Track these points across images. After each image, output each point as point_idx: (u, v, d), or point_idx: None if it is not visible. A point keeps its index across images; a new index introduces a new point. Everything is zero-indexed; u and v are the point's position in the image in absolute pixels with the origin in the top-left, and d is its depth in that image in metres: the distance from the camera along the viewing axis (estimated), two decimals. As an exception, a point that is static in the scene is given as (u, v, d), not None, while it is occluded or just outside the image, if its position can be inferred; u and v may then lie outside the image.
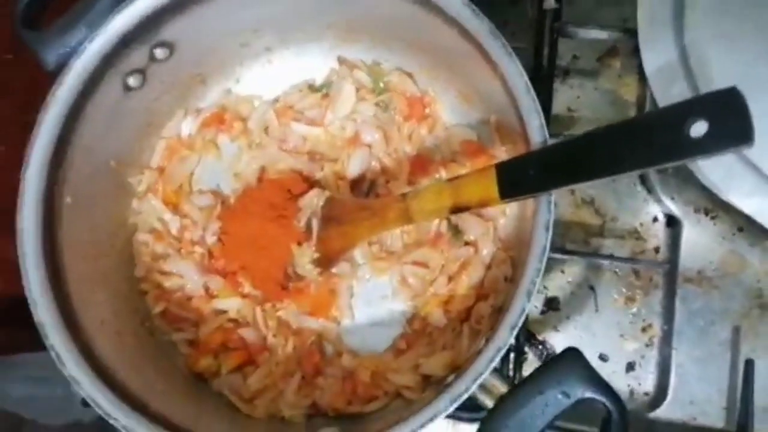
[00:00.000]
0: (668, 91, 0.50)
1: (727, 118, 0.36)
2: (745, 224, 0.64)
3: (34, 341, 0.49)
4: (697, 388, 0.63)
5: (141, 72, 0.59)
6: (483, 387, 0.46)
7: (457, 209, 0.49)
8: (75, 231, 0.56)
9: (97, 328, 0.54)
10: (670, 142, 0.38)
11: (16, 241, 0.51)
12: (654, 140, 0.38)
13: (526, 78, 0.46)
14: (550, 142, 0.46)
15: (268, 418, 0.59)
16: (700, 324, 0.63)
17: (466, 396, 0.44)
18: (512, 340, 0.44)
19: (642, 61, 0.53)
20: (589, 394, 0.44)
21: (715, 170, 0.53)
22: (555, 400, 0.44)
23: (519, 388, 0.45)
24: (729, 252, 0.64)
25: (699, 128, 0.36)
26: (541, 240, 0.45)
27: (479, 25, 0.48)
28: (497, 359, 0.44)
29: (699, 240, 0.64)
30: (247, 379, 0.60)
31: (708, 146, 0.36)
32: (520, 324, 0.44)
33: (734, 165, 0.53)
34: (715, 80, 0.50)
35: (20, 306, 0.50)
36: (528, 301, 0.44)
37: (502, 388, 0.46)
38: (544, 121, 0.46)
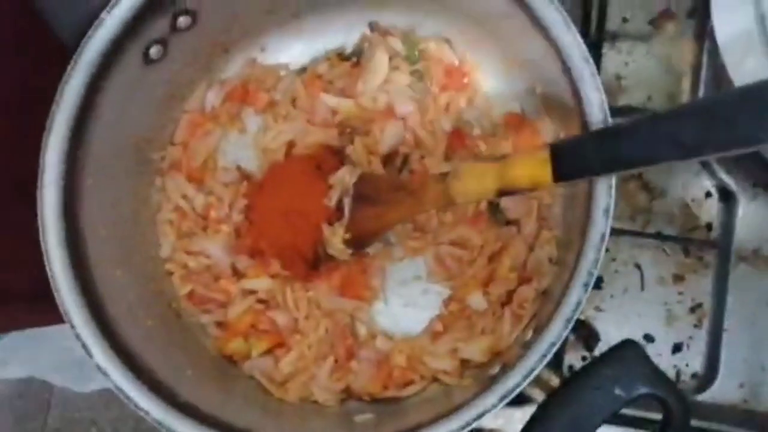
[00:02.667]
0: (742, 64, 0.46)
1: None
2: (806, 199, 0.60)
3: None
4: (748, 370, 0.60)
5: (162, 42, 0.55)
6: (532, 378, 0.43)
7: (503, 192, 0.46)
8: (97, 213, 0.53)
9: (124, 313, 0.52)
10: (754, 123, 0.34)
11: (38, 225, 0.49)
12: (733, 120, 0.35)
13: (584, 49, 0.42)
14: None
15: (301, 402, 0.58)
16: (753, 305, 0.60)
17: (516, 393, 0.42)
18: (567, 334, 0.41)
19: (714, 29, 0.48)
20: (649, 390, 0.41)
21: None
22: (611, 396, 0.41)
23: (572, 382, 0.42)
24: (788, 229, 0.60)
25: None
26: (600, 226, 0.41)
27: (533, -11, 0.43)
28: (551, 354, 0.41)
29: (756, 217, 0.60)
30: (279, 362, 0.58)
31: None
32: (575, 318, 0.41)
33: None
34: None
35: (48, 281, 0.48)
36: (585, 293, 0.41)
37: (553, 380, 0.43)
38: (605, 98, 0.42)
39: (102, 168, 0.54)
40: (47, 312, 0.50)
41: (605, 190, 0.42)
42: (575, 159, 0.41)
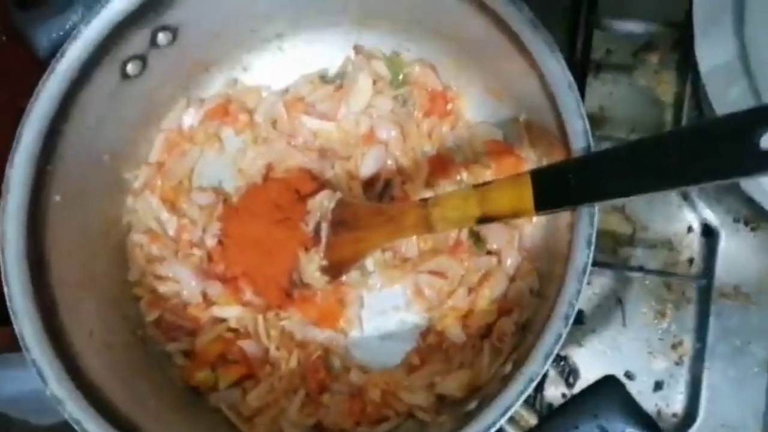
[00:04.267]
0: (725, 94, 0.46)
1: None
2: (788, 237, 0.59)
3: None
4: (731, 410, 0.58)
5: (141, 58, 0.54)
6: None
7: (484, 219, 0.45)
8: (63, 232, 0.51)
9: (86, 339, 0.50)
10: (738, 153, 0.33)
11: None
12: (718, 151, 0.34)
13: (569, 76, 0.42)
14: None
15: (269, 438, 0.55)
16: (736, 343, 0.59)
17: (493, 431, 0.40)
18: (546, 369, 0.40)
19: (697, 60, 0.47)
20: (630, 430, 0.40)
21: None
22: (592, 436, 0.39)
23: (551, 421, 0.41)
24: (769, 266, 0.60)
25: (773, 139, 0.32)
26: (582, 257, 0.40)
27: (518, 15, 0.43)
28: (529, 390, 0.39)
29: (737, 252, 0.60)
30: (247, 394, 0.56)
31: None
32: (555, 352, 0.39)
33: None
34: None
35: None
36: (566, 326, 0.39)
37: (530, 419, 0.42)
38: (588, 126, 0.41)
39: (71, 185, 0.52)
40: (4, 337, 0.47)
41: (587, 220, 0.41)
42: (556, 186, 0.40)
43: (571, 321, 0.40)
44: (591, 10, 0.60)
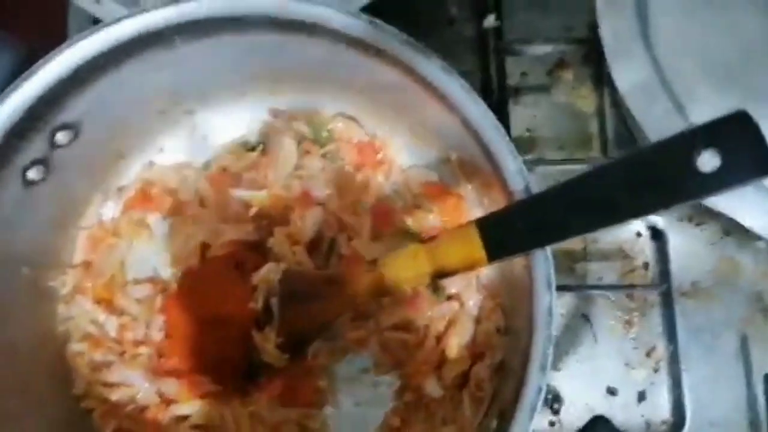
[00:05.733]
0: (650, 112, 0.45)
1: (739, 147, 0.31)
2: (731, 227, 0.60)
3: None
4: (715, 408, 0.58)
5: (42, 162, 0.50)
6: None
7: (440, 275, 0.43)
8: (-13, 366, 0.46)
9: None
10: (678, 178, 0.32)
11: None
12: (659, 178, 0.33)
13: (494, 119, 0.40)
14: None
15: None
16: (706, 338, 0.59)
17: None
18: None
19: (612, 78, 0.47)
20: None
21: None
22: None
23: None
24: (720, 258, 0.60)
25: (709, 160, 0.31)
26: (544, 302, 0.38)
27: (428, 63, 0.41)
28: (518, 451, 0.37)
29: (688, 250, 0.60)
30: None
31: (723, 180, 0.31)
32: (539, 403, 0.38)
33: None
34: (698, 95, 0.45)
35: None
36: (544, 375, 0.38)
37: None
38: (522, 165, 0.40)
39: (-12, 308, 0.48)
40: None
41: (543, 261, 0.39)
42: (505, 233, 0.39)
43: (548, 369, 0.38)
44: (498, 38, 0.60)
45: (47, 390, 0.53)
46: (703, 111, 0.46)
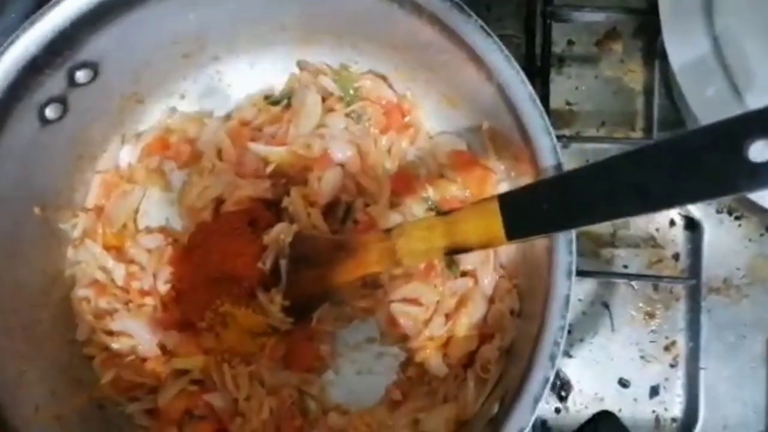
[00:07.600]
0: (703, 93, 0.42)
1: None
2: (774, 223, 0.56)
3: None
4: (731, 410, 0.56)
5: (61, 100, 0.48)
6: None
7: (454, 250, 0.41)
8: (-5, 300, 0.46)
9: (29, 417, 0.45)
10: (726, 168, 0.30)
11: None
12: (704, 166, 0.30)
13: (530, 88, 0.37)
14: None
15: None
16: (730, 338, 0.56)
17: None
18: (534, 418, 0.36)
19: (667, 53, 0.44)
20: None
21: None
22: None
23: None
24: (757, 256, 0.57)
25: (762, 150, 0.28)
26: (562, 290, 0.36)
27: (469, 24, 0.38)
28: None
29: (723, 244, 0.57)
30: (220, 453, 0.51)
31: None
32: (545, 394, 0.36)
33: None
34: (758, 79, 0.41)
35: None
36: (552, 367, 0.36)
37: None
38: (556, 142, 0.37)
39: (1, 244, 0.47)
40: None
41: (565, 248, 0.37)
42: (528, 212, 0.36)
43: (557, 361, 0.36)
44: (547, 2, 0.55)
45: (51, 332, 0.52)
46: (762, 97, 0.42)
